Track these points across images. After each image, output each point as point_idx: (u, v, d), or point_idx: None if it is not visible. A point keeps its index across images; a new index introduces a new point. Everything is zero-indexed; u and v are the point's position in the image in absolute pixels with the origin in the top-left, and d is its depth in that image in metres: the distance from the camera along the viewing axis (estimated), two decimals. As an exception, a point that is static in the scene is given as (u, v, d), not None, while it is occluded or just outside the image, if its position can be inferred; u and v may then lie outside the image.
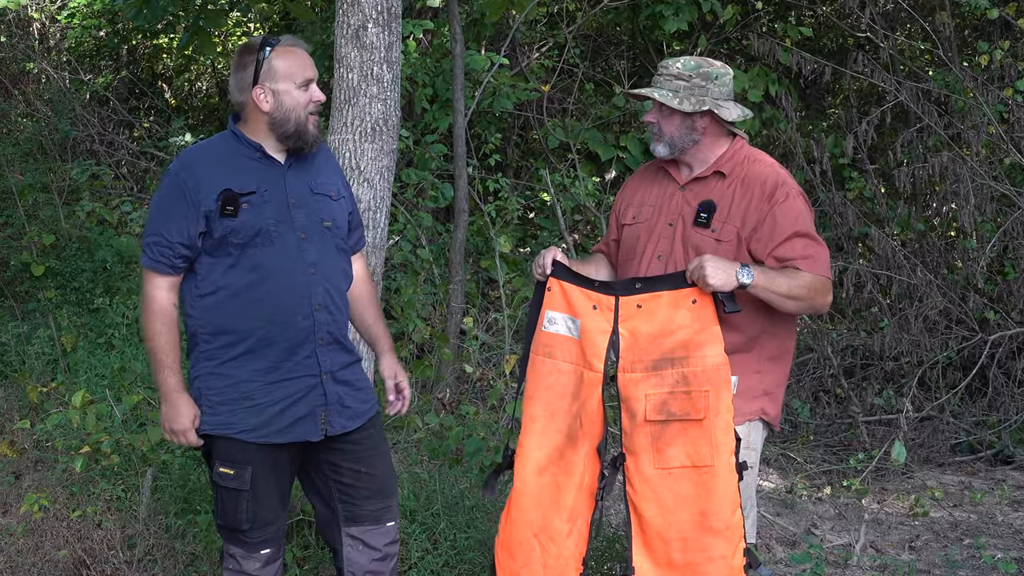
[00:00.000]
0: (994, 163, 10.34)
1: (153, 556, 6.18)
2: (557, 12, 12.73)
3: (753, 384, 4.82)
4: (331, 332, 4.65)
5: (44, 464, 7.24)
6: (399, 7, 5.97)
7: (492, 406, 8.51)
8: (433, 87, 11.34)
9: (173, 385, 4.59)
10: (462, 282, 9.53)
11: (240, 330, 4.54)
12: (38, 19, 14.34)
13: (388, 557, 4.91)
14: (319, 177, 4.72)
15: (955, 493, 8.28)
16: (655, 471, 4.52)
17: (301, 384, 4.60)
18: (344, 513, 4.83)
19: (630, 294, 4.60)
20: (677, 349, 4.51)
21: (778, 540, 7.25)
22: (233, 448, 4.59)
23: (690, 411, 4.48)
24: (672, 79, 4.86)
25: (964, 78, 10.34)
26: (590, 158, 12.05)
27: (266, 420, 4.57)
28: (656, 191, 5.04)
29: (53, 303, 9.60)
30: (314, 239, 4.61)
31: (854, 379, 10.02)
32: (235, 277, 4.53)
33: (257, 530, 4.67)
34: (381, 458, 4.89)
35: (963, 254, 10.33)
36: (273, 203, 4.55)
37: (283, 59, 4.55)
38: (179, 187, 4.53)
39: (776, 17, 13.03)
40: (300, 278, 4.56)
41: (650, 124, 4.97)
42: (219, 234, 4.49)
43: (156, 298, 4.58)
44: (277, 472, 4.68)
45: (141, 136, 13.20)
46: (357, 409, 4.77)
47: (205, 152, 4.71)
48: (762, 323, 4.78)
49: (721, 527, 4.51)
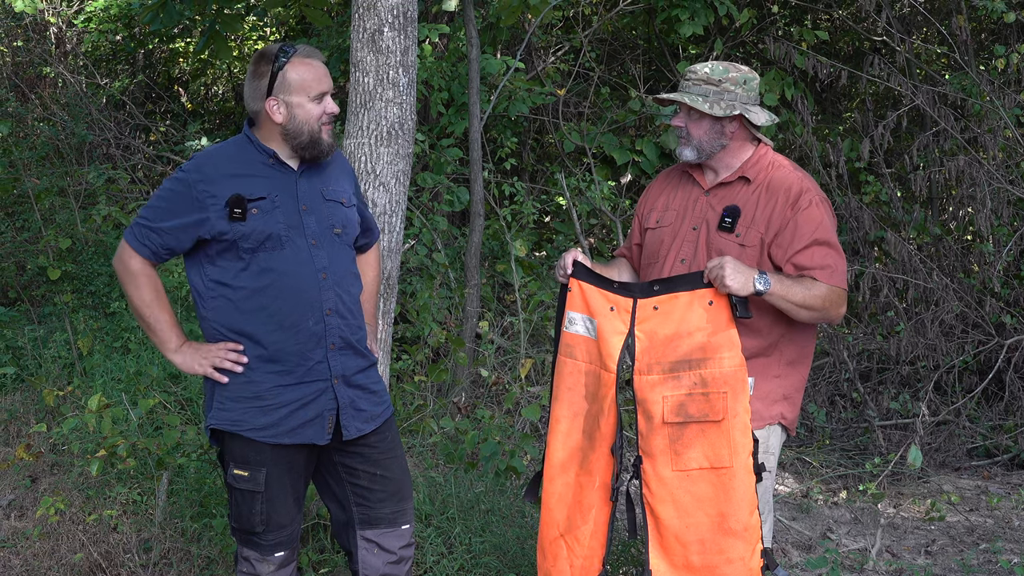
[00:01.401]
0: (1011, 167, 10.31)
1: (169, 560, 6.19)
2: (573, 16, 12.74)
3: (773, 388, 4.83)
4: (343, 337, 4.65)
5: (60, 468, 7.26)
6: (415, 11, 5.97)
7: (508, 410, 8.51)
8: (449, 91, 11.35)
9: (175, 338, 4.69)
10: (478, 286, 9.53)
11: (252, 333, 4.57)
12: (55, 23, 14.38)
13: (403, 560, 4.92)
14: (331, 184, 4.74)
15: (971, 497, 8.26)
16: (673, 473, 4.53)
17: (312, 388, 4.61)
18: (360, 516, 4.83)
19: (648, 296, 4.60)
20: (695, 351, 4.52)
21: (794, 544, 7.24)
22: (247, 450, 4.61)
23: (708, 413, 4.49)
24: (701, 83, 4.86)
25: (981, 82, 10.32)
26: (606, 162, 12.05)
27: (275, 420, 4.58)
28: (680, 195, 5.04)
29: (69, 307, 9.63)
30: (325, 244, 4.63)
31: (870, 383, 10.01)
32: (246, 281, 4.55)
33: (271, 533, 4.68)
34: (397, 461, 4.90)
35: (979, 258, 10.30)
36: (284, 208, 4.57)
37: (297, 71, 4.56)
38: (187, 185, 4.56)
39: (792, 21, 13.03)
40: (311, 283, 4.57)
41: (678, 128, 4.95)
42: (230, 238, 4.51)
43: (136, 270, 4.64)
44: (292, 474, 4.69)
45: (157, 140, 13.24)
46: (372, 412, 4.77)
47: (218, 155, 4.71)
48: (782, 328, 4.79)
49: (740, 528, 4.51)
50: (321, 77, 4.61)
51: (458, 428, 7.54)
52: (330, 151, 4.66)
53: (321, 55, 4.70)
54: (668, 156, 11.72)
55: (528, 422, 8.25)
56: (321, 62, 4.65)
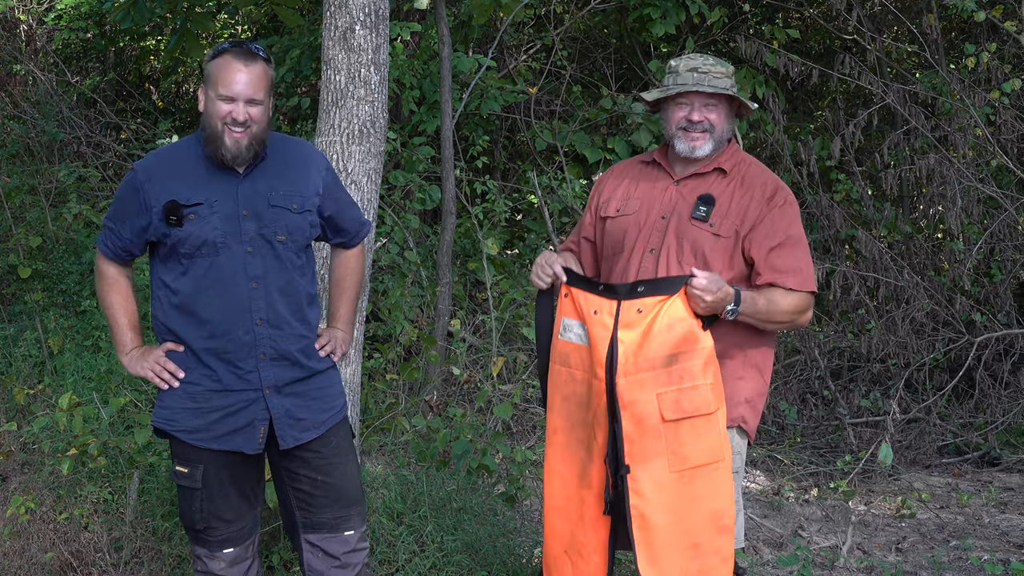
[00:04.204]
0: (981, 165, 10.36)
1: (140, 559, 6.18)
2: (544, 14, 12.73)
3: (737, 390, 4.82)
4: (276, 347, 4.59)
5: (31, 466, 7.23)
6: (387, 9, 5.96)
7: (479, 408, 8.51)
8: (420, 89, 11.33)
9: (128, 342, 4.71)
10: (449, 284, 9.53)
11: (186, 337, 4.56)
12: (25, 21, 14.31)
13: (348, 566, 4.87)
14: (281, 189, 4.64)
15: (942, 495, 8.30)
16: (671, 475, 4.47)
17: (242, 396, 4.58)
18: (302, 520, 4.82)
19: (632, 298, 4.55)
20: (680, 344, 4.48)
21: (765, 542, 7.26)
22: (185, 447, 4.62)
23: (700, 406, 4.47)
24: (722, 76, 4.88)
25: (951, 80, 10.36)
26: (577, 160, 12.04)
27: (205, 425, 4.58)
28: (644, 186, 5.02)
29: (40, 305, 9.59)
30: (262, 252, 4.56)
31: (841, 381, 10.05)
32: (184, 285, 4.54)
33: (215, 529, 4.67)
34: (341, 467, 4.84)
35: (950, 256, 10.36)
36: (222, 214, 4.51)
37: (219, 67, 4.49)
38: (135, 186, 4.56)
39: (763, 19, 13.05)
40: (242, 292, 4.53)
41: (699, 123, 4.90)
42: (170, 242, 4.51)
43: (105, 272, 4.72)
44: (233, 472, 4.67)
45: (128, 138, 13.17)
46: (313, 420, 4.72)
47: (166, 157, 4.67)
48: (750, 329, 4.80)
49: (730, 524, 4.52)
50: (234, 81, 4.47)
51: (430, 426, 7.54)
52: (234, 161, 4.52)
53: (260, 63, 4.55)
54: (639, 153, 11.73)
55: (500, 420, 8.26)
56: (246, 68, 4.49)
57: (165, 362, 4.58)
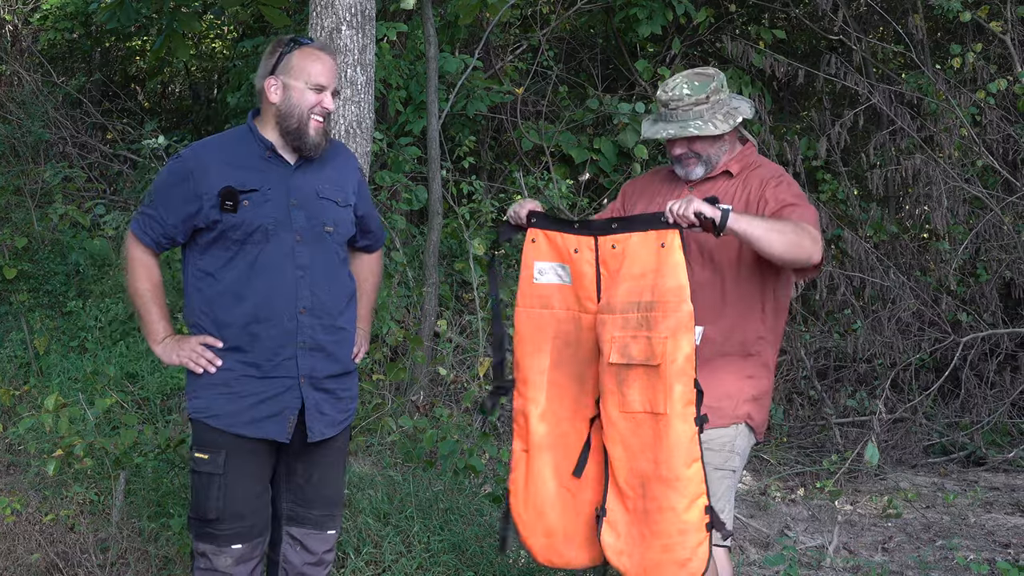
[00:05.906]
0: (966, 165, 10.38)
1: (126, 559, 6.16)
2: (531, 15, 12.74)
3: (745, 387, 4.84)
4: (314, 337, 4.65)
5: (16, 467, 7.23)
6: (373, 9, 5.96)
7: (466, 408, 8.51)
8: (407, 89, 11.33)
9: (161, 331, 4.72)
10: (436, 285, 9.53)
11: (228, 322, 4.58)
12: (10, 21, 14.29)
13: (323, 564, 4.92)
14: (328, 183, 4.74)
15: (928, 495, 8.31)
16: (620, 414, 4.54)
17: (277, 384, 4.61)
18: (288, 512, 4.84)
19: (607, 234, 4.60)
20: (644, 292, 4.49)
21: (751, 542, 7.27)
22: (208, 434, 4.62)
23: (649, 356, 4.46)
24: (691, 107, 4.84)
25: (936, 81, 10.38)
26: (564, 160, 12.05)
27: (238, 409, 4.59)
28: (666, 189, 5.05)
29: (25, 306, 9.58)
30: (310, 242, 4.63)
31: (827, 381, 10.06)
32: (230, 271, 4.58)
33: (227, 522, 4.64)
34: (335, 468, 4.92)
35: (936, 256, 10.38)
36: (274, 202, 4.58)
37: (304, 57, 4.60)
38: (185, 173, 4.60)
39: (749, 20, 13.07)
40: (288, 279, 4.58)
41: (683, 154, 4.92)
42: (220, 228, 4.54)
43: (140, 259, 4.71)
44: (253, 461, 4.67)
45: (114, 139, 13.16)
46: (335, 418, 4.77)
47: (216, 144, 4.74)
48: (769, 325, 4.84)
49: (672, 477, 4.46)
50: (325, 70, 4.63)
51: (416, 427, 7.53)
52: (315, 150, 4.64)
53: (334, 54, 4.73)
54: (626, 155, 11.75)
55: (487, 421, 8.25)
56: (332, 59, 4.68)
57: (203, 350, 4.60)
